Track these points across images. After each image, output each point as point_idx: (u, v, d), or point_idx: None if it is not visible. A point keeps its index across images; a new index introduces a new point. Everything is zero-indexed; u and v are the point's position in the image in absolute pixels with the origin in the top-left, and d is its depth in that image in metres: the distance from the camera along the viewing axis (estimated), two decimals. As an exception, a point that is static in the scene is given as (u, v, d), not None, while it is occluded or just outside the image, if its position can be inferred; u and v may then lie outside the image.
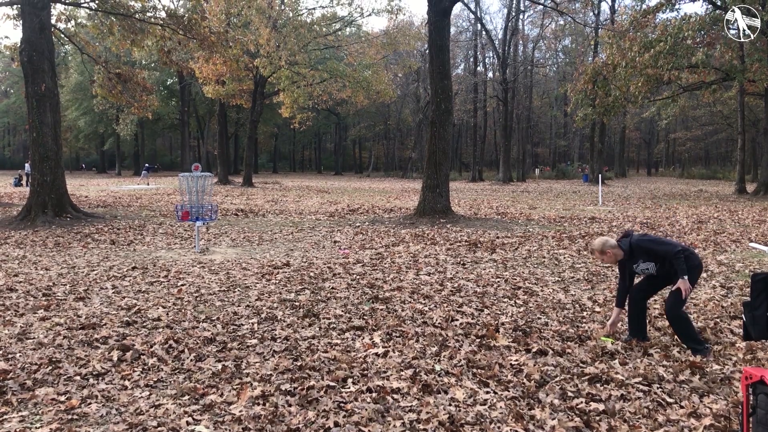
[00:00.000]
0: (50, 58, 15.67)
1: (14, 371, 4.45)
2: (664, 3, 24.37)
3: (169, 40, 19.92)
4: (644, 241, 5.05)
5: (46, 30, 15.55)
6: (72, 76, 58.57)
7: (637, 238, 5.07)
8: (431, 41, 16.35)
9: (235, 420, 3.69)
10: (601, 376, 4.38)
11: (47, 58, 15.42)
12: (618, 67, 24.69)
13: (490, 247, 11.07)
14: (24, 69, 15.45)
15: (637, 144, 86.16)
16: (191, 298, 6.91)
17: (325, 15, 38.84)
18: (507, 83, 47.09)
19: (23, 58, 15.30)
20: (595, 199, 24.93)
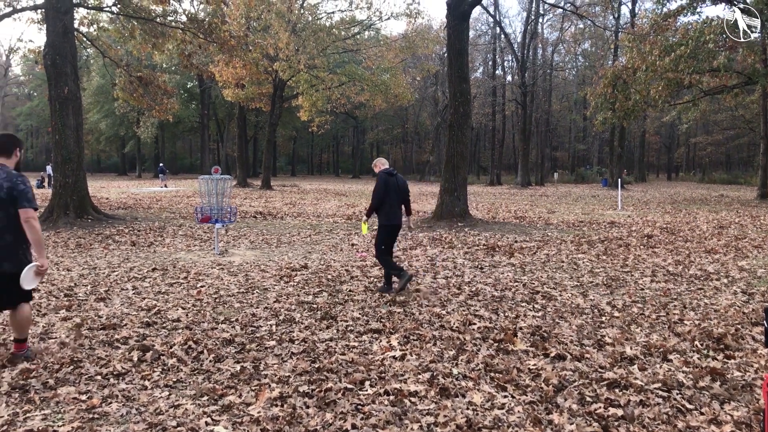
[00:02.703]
0: (73, 61, 15.87)
1: (37, 370, 4.51)
2: (685, 6, 24.13)
3: (190, 43, 20.10)
4: None
5: (69, 34, 15.75)
6: (94, 79, 59.27)
7: None
8: (450, 45, 16.36)
9: (253, 421, 3.71)
10: (619, 382, 4.35)
11: (70, 62, 15.61)
12: (638, 71, 24.50)
13: (509, 251, 11.03)
14: (47, 72, 15.65)
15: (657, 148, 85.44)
16: (210, 300, 6.96)
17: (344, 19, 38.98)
18: (526, 87, 46.91)
19: (47, 61, 15.51)
20: (615, 204, 24.75)
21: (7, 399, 4.02)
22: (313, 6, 39.12)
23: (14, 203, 4.46)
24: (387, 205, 7.26)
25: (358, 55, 42.60)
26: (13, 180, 4.49)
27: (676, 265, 9.55)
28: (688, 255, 10.65)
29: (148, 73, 22.48)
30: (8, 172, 4.55)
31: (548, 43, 59.67)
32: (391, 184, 7.30)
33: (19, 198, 4.45)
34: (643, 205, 25.19)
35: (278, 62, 32.95)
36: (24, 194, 4.47)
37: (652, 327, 5.89)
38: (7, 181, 4.47)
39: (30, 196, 4.52)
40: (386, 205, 7.26)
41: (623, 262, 9.82)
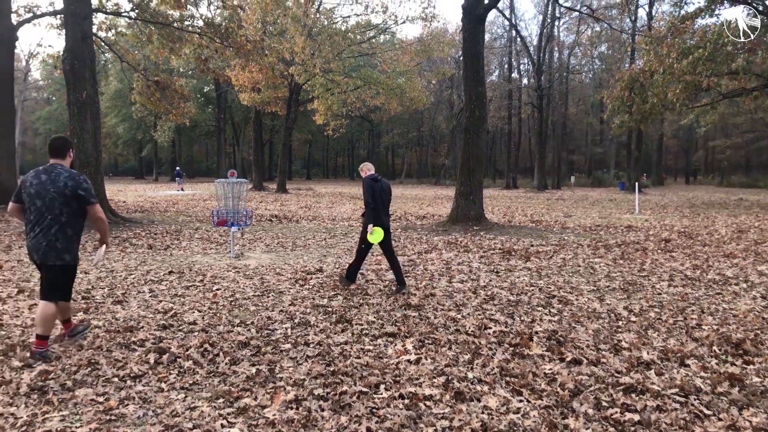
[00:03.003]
0: (91, 66, 16.03)
1: (55, 372, 4.56)
2: (703, 9, 23.96)
3: (207, 48, 20.26)
4: None
5: (87, 39, 15.92)
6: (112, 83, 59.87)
7: None
8: (465, 48, 16.35)
9: (268, 423, 3.72)
10: (636, 386, 4.32)
11: (88, 67, 15.78)
12: (655, 74, 24.34)
13: (525, 255, 10.99)
14: (66, 77, 15.82)
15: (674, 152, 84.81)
16: (226, 303, 6.99)
17: (359, 23, 39.11)
18: (542, 90, 46.77)
19: (65, 66, 15.68)
20: (632, 208, 24.59)
21: (26, 400, 4.06)
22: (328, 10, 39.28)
23: (78, 200, 4.97)
24: (377, 209, 7.73)
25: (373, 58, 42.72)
26: (76, 179, 4.99)
27: (694, 270, 9.46)
28: (707, 259, 10.55)
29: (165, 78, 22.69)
30: (70, 171, 5.02)
31: (564, 46, 59.46)
32: (377, 189, 7.75)
33: (86, 196, 4.99)
34: (660, 208, 24.99)
35: (294, 66, 33.11)
36: (90, 192, 5.03)
37: (670, 332, 5.84)
38: (70, 180, 4.95)
39: (93, 193, 5.09)
40: (376, 209, 7.73)
41: (640, 267, 9.75)
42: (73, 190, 4.94)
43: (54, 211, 4.93)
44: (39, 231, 4.93)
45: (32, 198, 4.95)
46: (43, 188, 4.92)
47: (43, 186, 4.92)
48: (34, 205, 4.95)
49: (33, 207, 4.96)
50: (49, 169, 5.01)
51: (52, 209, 4.93)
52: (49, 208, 4.92)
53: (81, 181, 5.00)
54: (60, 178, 4.94)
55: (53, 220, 4.93)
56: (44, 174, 4.98)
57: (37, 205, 4.94)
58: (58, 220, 4.94)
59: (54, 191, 4.91)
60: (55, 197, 4.91)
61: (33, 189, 4.95)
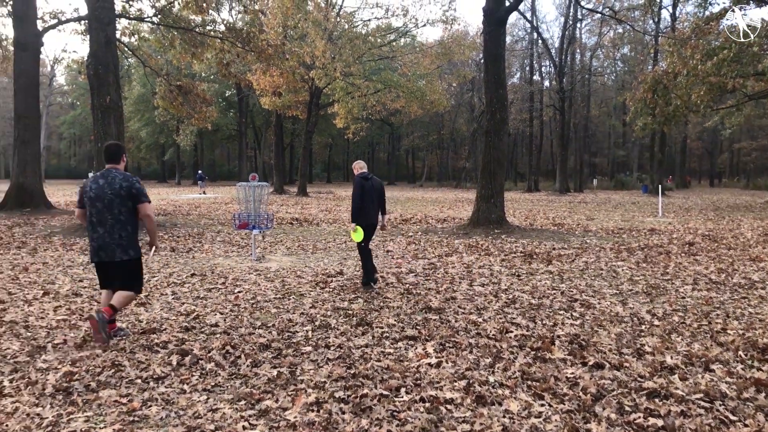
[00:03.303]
0: (115, 71, 16.23)
1: (79, 373, 4.61)
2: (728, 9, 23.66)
3: (228, 52, 20.42)
4: None
5: (111, 44, 16.12)
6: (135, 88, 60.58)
7: None
8: (486, 51, 16.30)
9: (290, 426, 3.73)
10: (659, 391, 4.27)
11: (112, 72, 15.97)
12: (679, 76, 24.07)
13: (546, 258, 10.92)
14: (90, 82, 16.03)
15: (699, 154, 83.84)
16: (248, 305, 7.03)
17: (380, 26, 39.19)
18: (564, 92, 46.48)
19: (89, 71, 15.89)
20: (655, 211, 24.33)
21: (52, 401, 4.11)
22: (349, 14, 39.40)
23: (132, 199, 5.41)
24: (365, 207, 8.07)
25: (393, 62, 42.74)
26: (129, 180, 5.45)
27: (719, 274, 9.34)
28: (732, 263, 10.41)
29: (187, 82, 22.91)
30: (123, 174, 5.49)
31: (586, 48, 59.07)
32: (367, 187, 8.08)
33: (138, 195, 5.44)
34: (684, 212, 24.71)
35: (315, 70, 33.23)
36: (141, 192, 5.48)
37: (694, 336, 5.77)
38: (125, 181, 5.41)
39: (145, 192, 5.54)
40: (364, 207, 8.07)
41: (664, 270, 9.65)
42: (127, 190, 5.39)
43: (113, 212, 5.39)
44: (102, 231, 5.40)
45: (92, 201, 5.41)
46: (101, 191, 5.37)
47: (101, 189, 5.37)
48: (94, 207, 5.40)
49: (94, 210, 5.41)
50: (105, 174, 5.47)
51: (111, 210, 5.38)
52: (108, 209, 5.38)
53: (134, 182, 5.46)
54: (115, 180, 5.39)
55: (114, 220, 5.39)
56: (102, 179, 5.43)
57: (97, 207, 5.39)
58: (118, 219, 5.40)
59: (111, 193, 5.36)
60: (112, 199, 5.37)
61: (92, 193, 5.40)
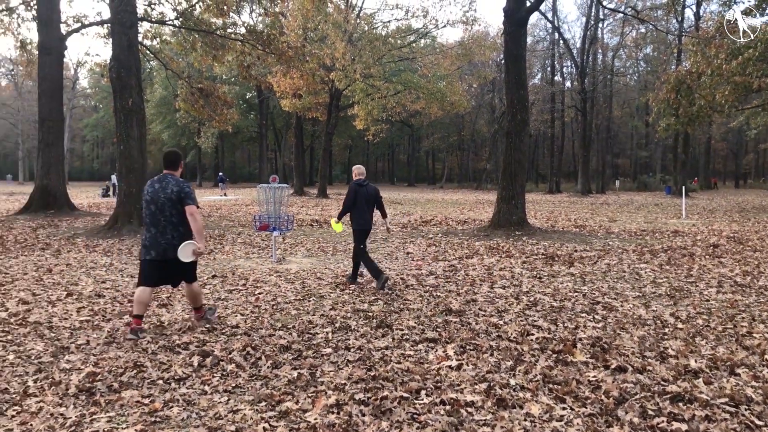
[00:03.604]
0: (137, 74, 16.38)
1: (102, 374, 4.65)
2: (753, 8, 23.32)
3: (249, 55, 20.53)
4: None
5: (133, 47, 16.27)
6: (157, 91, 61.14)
7: None
8: (507, 51, 16.22)
9: (310, 427, 3.73)
10: (683, 395, 4.21)
11: (134, 75, 16.12)
12: (703, 75, 23.78)
13: (568, 260, 10.83)
14: (113, 85, 16.19)
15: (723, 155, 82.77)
16: (268, 307, 7.05)
17: (399, 27, 39.20)
18: (586, 93, 46.16)
19: (112, 74, 16.05)
20: (679, 212, 24.06)
21: (75, 401, 4.15)
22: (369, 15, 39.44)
23: (181, 202, 5.81)
24: (357, 211, 8.31)
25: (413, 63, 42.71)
26: (181, 185, 5.89)
27: (744, 276, 9.20)
28: (758, 265, 10.25)
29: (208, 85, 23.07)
30: (176, 179, 5.95)
31: (608, 48, 58.64)
32: (361, 193, 8.31)
33: (186, 198, 5.83)
34: (708, 213, 24.40)
35: (334, 72, 33.31)
36: (189, 195, 5.87)
37: (719, 339, 5.68)
38: (176, 186, 5.85)
39: (193, 196, 5.93)
40: (356, 211, 8.31)
41: (687, 273, 9.52)
42: (178, 194, 5.82)
43: (165, 214, 5.82)
44: (155, 231, 5.84)
45: (148, 204, 5.88)
46: (156, 195, 5.83)
47: (156, 193, 5.84)
48: (149, 209, 5.87)
49: (148, 211, 5.88)
50: (161, 179, 5.94)
51: (163, 212, 5.82)
52: (161, 211, 5.82)
53: (184, 186, 5.89)
54: (169, 185, 5.84)
55: (166, 222, 5.83)
56: (157, 183, 5.91)
57: (151, 209, 5.84)
58: (170, 221, 5.83)
59: (164, 197, 5.81)
60: (165, 202, 5.81)
61: (148, 196, 5.89)
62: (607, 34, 59.16)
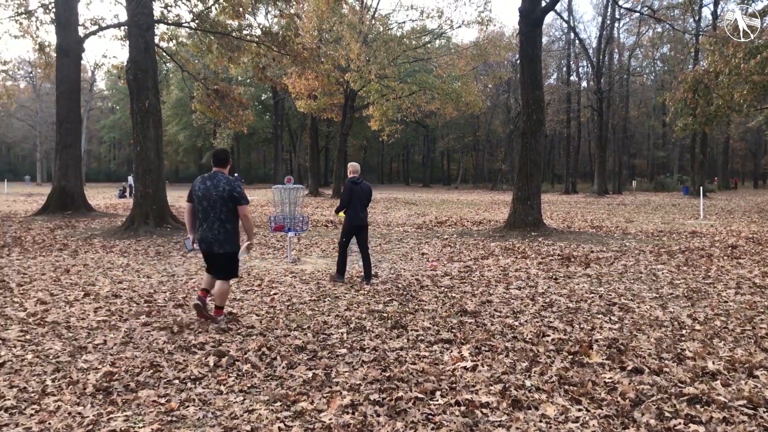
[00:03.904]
0: (153, 76, 16.48)
1: (119, 373, 4.69)
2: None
3: (264, 56, 20.60)
4: None
5: (150, 49, 16.39)
6: (173, 92, 61.56)
7: None
8: (522, 51, 16.16)
9: (324, 428, 3.74)
10: (701, 397, 4.17)
11: (151, 76, 16.23)
12: (721, 75, 23.56)
13: (584, 261, 10.77)
14: (130, 87, 16.31)
15: (742, 155, 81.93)
16: (283, 307, 7.07)
17: (414, 28, 39.15)
18: (602, 93, 45.89)
19: (129, 76, 16.17)
20: (696, 213, 23.84)
21: (92, 400, 4.18)
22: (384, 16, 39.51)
23: (233, 201, 6.09)
24: (352, 208, 8.64)
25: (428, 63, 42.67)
26: (232, 183, 6.17)
27: (763, 277, 9.10)
28: (777, 266, 10.13)
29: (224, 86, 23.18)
30: (227, 177, 6.20)
31: (625, 48, 58.23)
32: (356, 191, 8.67)
33: (238, 198, 6.13)
34: (727, 214, 24.16)
35: (349, 73, 33.36)
36: (242, 195, 6.17)
37: (737, 341, 5.62)
38: (228, 185, 6.11)
39: (245, 196, 6.23)
40: (351, 208, 8.65)
41: (705, 274, 9.44)
42: (230, 193, 6.09)
43: (215, 210, 6.10)
44: (206, 226, 6.13)
45: (199, 200, 6.14)
46: (207, 192, 6.09)
47: (208, 190, 6.09)
48: (201, 205, 6.14)
49: (200, 207, 6.15)
50: (212, 176, 6.19)
51: (214, 209, 6.10)
52: (212, 207, 6.10)
53: (235, 186, 6.18)
54: (220, 183, 6.10)
55: (216, 218, 6.11)
56: (208, 180, 6.16)
57: (203, 205, 6.12)
58: (219, 217, 6.10)
59: (216, 194, 6.07)
60: (216, 199, 6.07)
61: (200, 192, 6.14)
62: (623, 33, 58.85)
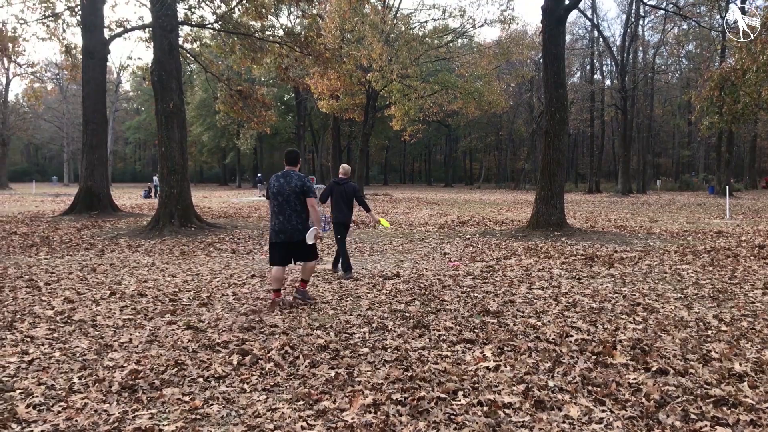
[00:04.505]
0: (178, 77, 16.65)
1: (144, 371, 4.74)
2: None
3: (287, 57, 20.71)
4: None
5: (174, 51, 16.55)
6: (197, 93, 62.06)
7: None
8: (545, 50, 16.06)
9: (347, 427, 3.75)
10: (727, 399, 4.11)
11: (175, 78, 16.39)
12: (748, 72, 23.19)
13: (608, 261, 10.68)
14: (154, 88, 16.49)
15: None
16: (306, 306, 7.10)
17: (437, 27, 39.05)
18: (626, 91, 45.43)
19: (154, 77, 16.35)
20: (722, 212, 23.51)
21: (118, 398, 4.24)
22: (406, 16, 39.41)
23: (303, 194, 6.91)
24: (333, 206, 9.40)
25: (450, 62, 42.54)
26: (303, 179, 6.99)
27: (792, 278, 8.94)
28: (806, 267, 9.96)
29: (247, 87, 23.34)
30: (298, 174, 7.04)
31: (649, 46, 57.56)
32: (337, 190, 9.37)
33: (308, 191, 6.94)
34: (754, 213, 23.78)
35: (371, 73, 33.36)
36: (310, 189, 6.98)
37: (764, 342, 5.54)
38: (299, 180, 6.94)
39: (313, 190, 7.05)
40: (333, 206, 9.41)
41: (731, 274, 9.30)
42: (300, 187, 6.90)
43: (291, 204, 6.91)
44: (282, 219, 6.92)
45: (275, 195, 6.97)
46: (282, 188, 6.92)
47: (282, 187, 6.93)
48: (276, 200, 6.96)
49: (276, 202, 6.96)
50: (285, 174, 7.02)
51: (289, 202, 6.90)
52: (287, 202, 6.90)
53: (306, 181, 7.00)
54: (293, 180, 6.93)
55: (292, 210, 6.92)
56: (282, 178, 6.99)
57: (278, 200, 6.93)
58: (294, 209, 6.92)
59: (289, 190, 6.90)
60: (290, 194, 6.89)
61: (275, 189, 6.97)
62: (648, 31, 58.20)
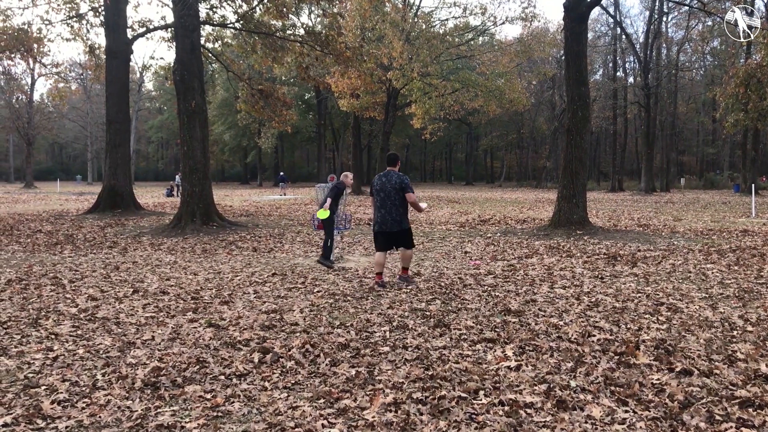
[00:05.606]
0: (200, 76, 16.77)
1: (166, 369, 4.78)
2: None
3: (308, 56, 20.76)
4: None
5: (196, 50, 16.67)
6: (218, 92, 62.49)
7: None
8: (567, 47, 15.93)
9: (368, 425, 3.75)
10: (753, 400, 4.05)
11: (197, 77, 16.51)
12: (774, 69, 22.85)
13: (631, 260, 10.57)
14: (176, 87, 16.63)
15: (797, 151, 79.18)
16: (326, 305, 7.12)
17: (457, 25, 38.91)
18: (649, 88, 44.94)
19: (176, 77, 16.48)
20: (748, 211, 23.17)
21: (141, 395, 4.28)
22: (426, 14, 39.37)
23: (402, 191, 8.02)
24: (334, 205, 10.13)
25: (471, 60, 42.39)
26: (402, 177, 8.10)
27: (820, 277, 8.78)
28: (834, 266, 9.77)
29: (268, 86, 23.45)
30: (398, 173, 8.15)
31: (673, 43, 56.83)
32: (336, 192, 10.13)
33: (406, 188, 8.03)
34: (780, 212, 23.41)
35: (392, 71, 33.34)
36: (408, 186, 8.06)
37: (792, 344, 5.44)
38: (398, 179, 8.07)
39: (411, 186, 8.12)
40: (332, 204, 10.04)
41: (757, 273, 9.16)
42: (400, 185, 8.02)
43: (391, 199, 8.04)
44: (384, 212, 8.07)
45: (377, 192, 8.16)
46: (384, 186, 8.10)
47: (384, 185, 8.10)
48: (379, 196, 8.15)
49: (378, 198, 8.16)
50: (386, 174, 8.19)
51: (390, 198, 8.05)
52: (388, 197, 8.05)
53: (404, 179, 8.08)
54: (393, 178, 8.07)
55: (392, 205, 8.04)
56: (384, 177, 8.17)
57: (381, 196, 8.12)
58: (394, 203, 8.04)
59: (390, 187, 8.04)
60: (390, 191, 8.04)
61: (377, 186, 8.16)
62: (671, 27, 57.43)
